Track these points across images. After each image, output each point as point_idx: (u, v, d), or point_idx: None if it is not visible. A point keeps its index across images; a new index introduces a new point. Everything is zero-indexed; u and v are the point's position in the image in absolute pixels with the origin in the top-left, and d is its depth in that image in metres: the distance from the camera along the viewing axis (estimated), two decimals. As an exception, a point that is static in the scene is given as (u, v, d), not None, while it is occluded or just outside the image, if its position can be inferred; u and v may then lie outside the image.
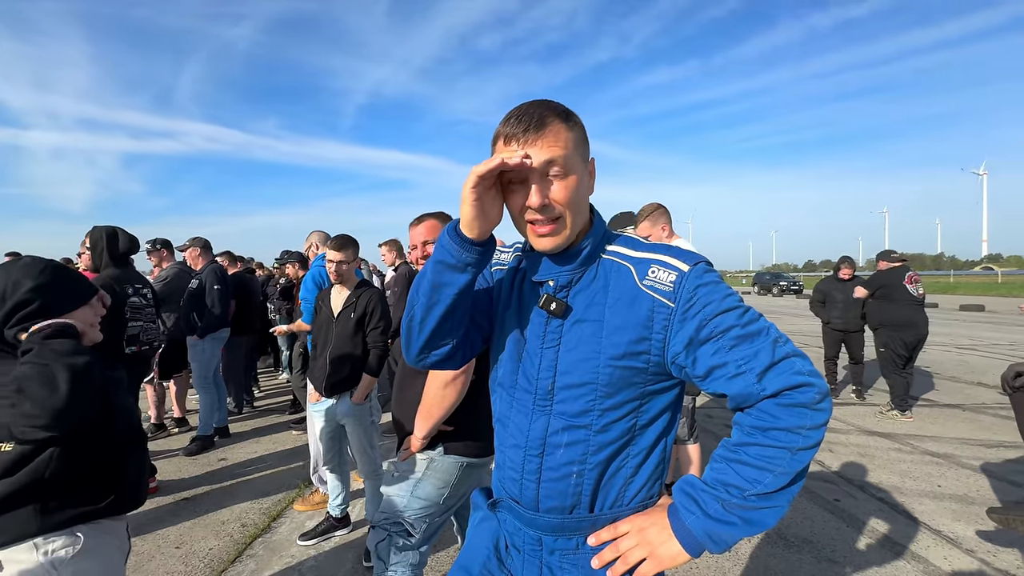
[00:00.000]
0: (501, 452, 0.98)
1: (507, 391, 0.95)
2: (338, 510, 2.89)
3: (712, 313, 0.80)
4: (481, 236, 0.83)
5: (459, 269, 0.85)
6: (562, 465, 0.88)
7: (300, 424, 4.59)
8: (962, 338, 10.64)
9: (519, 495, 0.93)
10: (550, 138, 0.80)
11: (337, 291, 2.80)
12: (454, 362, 0.98)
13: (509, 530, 0.98)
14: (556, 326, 0.88)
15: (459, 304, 0.88)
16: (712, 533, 0.79)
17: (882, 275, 5.30)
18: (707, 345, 0.80)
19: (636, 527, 0.86)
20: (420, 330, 0.92)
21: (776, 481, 0.77)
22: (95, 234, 3.23)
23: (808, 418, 0.77)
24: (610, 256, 0.90)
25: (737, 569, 2.54)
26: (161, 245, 4.53)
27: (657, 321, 0.83)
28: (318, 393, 2.76)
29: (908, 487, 3.44)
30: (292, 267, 5.26)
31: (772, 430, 0.78)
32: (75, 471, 1.18)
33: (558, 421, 0.88)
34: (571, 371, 0.86)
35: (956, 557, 2.61)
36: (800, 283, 31.95)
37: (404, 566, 1.68)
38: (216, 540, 2.83)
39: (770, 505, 0.77)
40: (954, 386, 6.32)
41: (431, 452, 1.71)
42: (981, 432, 4.55)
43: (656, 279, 0.83)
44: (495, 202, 0.84)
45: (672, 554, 0.81)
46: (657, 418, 0.89)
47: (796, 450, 0.76)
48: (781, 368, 0.78)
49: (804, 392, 0.77)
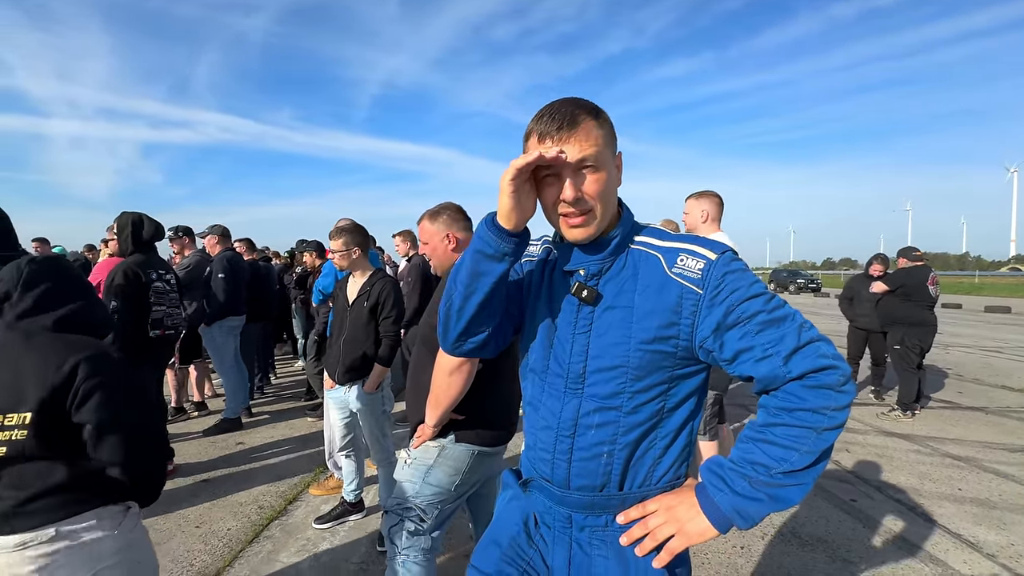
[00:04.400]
0: (532, 434, 1.02)
1: (539, 376, 0.99)
2: (352, 495, 2.93)
3: (739, 299, 0.83)
4: (517, 227, 0.87)
5: (497, 259, 0.89)
6: (593, 445, 0.91)
7: (316, 411, 4.67)
8: (987, 340, 10.34)
9: (551, 474, 0.96)
10: (582, 136, 0.84)
11: (353, 279, 2.82)
12: (488, 350, 1.02)
13: (540, 509, 1.01)
14: (587, 313, 0.92)
15: (496, 293, 0.93)
16: (740, 509, 0.82)
17: (906, 273, 5.17)
18: (734, 330, 0.83)
19: (664, 505, 0.89)
20: (458, 318, 0.96)
21: (802, 460, 0.80)
22: (122, 220, 3.31)
23: (833, 399, 0.80)
24: (639, 246, 0.93)
25: (751, 567, 2.52)
26: (183, 233, 4.59)
27: (686, 307, 0.86)
28: (332, 380, 2.80)
29: (927, 489, 3.37)
30: (309, 256, 5.33)
31: (798, 410, 0.81)
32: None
33: (589, 403, 0.91)
34: (602, 355, 0.90)
35: (976, 561, 2.56)
36: (818, 281, 31.32)
37: (416, 551, 1.71)
38: (234, 521, 2.90)
39: (796, 483, 0.81)
40: (978, 388, 6.16)
41: (442, 440, 1.72)
42: (1005, 436, 4.44)
43: (685, 267, 0.87)
44: (530, 195, 0.88)
45: (700, 530, 0.84)
46: (684, 401, 0.92)
47: (822, 430, 0.80)
48: (807, 351, 0.81)
49: (829, 374, 0.80)
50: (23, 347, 1.16)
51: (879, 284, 5.31)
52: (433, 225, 1.90)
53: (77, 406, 1.13)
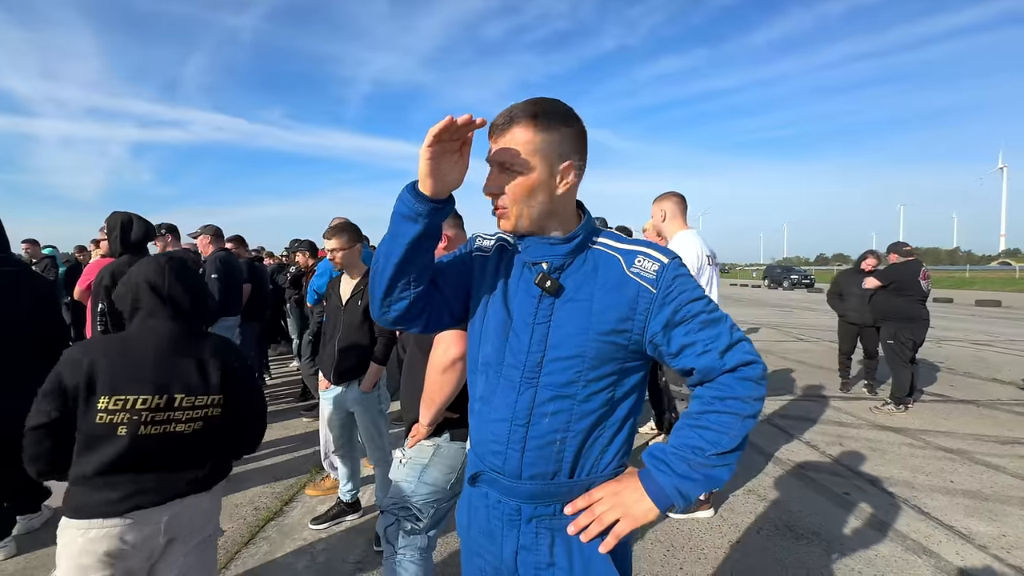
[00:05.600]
0: (481, 429, 1.05)
1: (494, 369, 1.03)
2: (349, 495, 2.92)
3: (686, 300, 0.94)
4: (435, 193, 0.92)
5: (411, 219, 0.92)
6: (547, 433, 0.97)
7: (311, 411, 4.65)
8: (978, 334, 10.46)
9: (502, 466, 1.01)
10: (508, 139, 0.92)
11: (346, 279, 2.81)
12: (418, 322, 1.05)
13: (489, 503, 1.05)
14: (548, 304, 0.98)
15: (414, 256, 0.96)
16: (681, 488, 0.92)
17: (898, 269, 5.21)
18: (680, 327, 0.94)
19: (609, 492, 0.97)
20: (380, 279, 0.99)
21: (730, 442, 0.91)
22: (112, 220, 3.27)
23: (755, 390, 0.93)
24: (598, 246, 1.01)
25: (746, 560, 2.53)
26: (166, 231, 4.45)
27: (640, 303, 0.95)
28: (327, 381, 2.78)
29: (920, 482, 3.40)
30: (302, 255, 5.29)
31: (729, 399, 0.93)
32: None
33: (545, 392, 0.97)
34: (561, 344, 0.96)
35: (969, 553, 2.59)
36: (811, 277, 31.53)
37: (412, 550, 1.70)
38: (230, 523, 2.88)
39: (724, 464, 0.92)
40: (969, 382, 6.23)
41: (437, 439, 1.72)
42: (996, 428, 4.49)
43: (641, 267, 0.96)
44: (455, 166, 0.93)
45: (644, 510, 0.92)
46: (630, 394, 1.01)
47: (745, 416, 0.92)
48: (737, 348, 0.94)
49: (754, 368, 0.94)
50: (198, 342, 1.47)
51: (871, 279, 5.35)
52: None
53: (234, 389, 1.50)
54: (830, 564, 2.49)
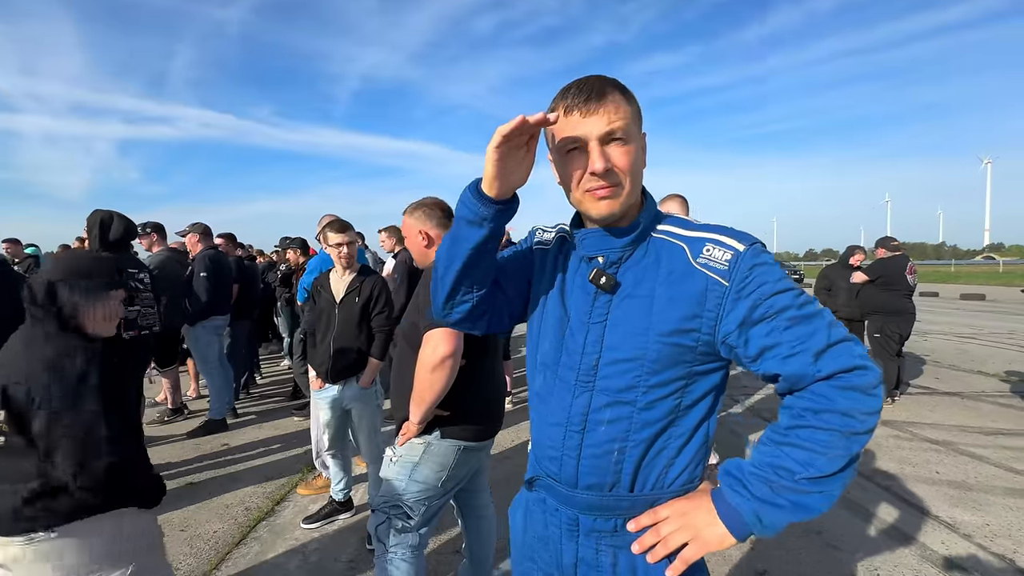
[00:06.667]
0: (539, 430, 0.97)
1: (550, 369, 0.94)
2: (341, 494, 2.91)
3: (767, 293, 0.79)
4: (500, 195, 0.84)
5: (476, 224, 0.86)
6: (604, 442, 0.87)
7: (302, 410, 4.62)
8: (962, 327, 10.62)
9: (558, 472, 0.92)
10: (611, 107, 0.81)
11: (336, 276, 2.78)
12: (480, 324, 1.00)
13: (547, 508, 0.97)
14: (604, 301, 0.88)
15: (478, 260, 0.90)
16: (761, 515, 0.77)
17: (885, 264, 5.27)
18: (761, 325, 0.79)
19: (677, 511, 0.85)
20: (442, 284, 0.94)
21: (829, 465, 0.75)
22: (91, 219, 3.22)
23: (863, 402, 0.75)
24: (661, 235, 0.89)
25: (740, 555, 2.56)
26: (152, 229, 4.38)
27: (710, 299, 0.82)
28: (320, 380, 2.76)
29: (907, 473, 3.46)
30: (293, 253, 5.25)
31: (826, 412, 0.76)
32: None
33: (601, 397, 0.87)
34: (618, 346, 0.86)
35: (954, 542, 2.64)
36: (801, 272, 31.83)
37: (404, 548, 1.70)
38: (221, 523, 2.86)
39: (820, 490, 0.75)
40: (953, 374, 6.33)
41: (428, 436, 1.71)
42: (980, 420, 4.57)
43: (711, 257, 0.82)
44: (521, 164, 0.85)
45: (718, 536, 0.80)
46: (701, 399, 0.88)
47: (850, 434, 0.75)
48: (838, 350, 0.77)
49: (861, 375, 0.76)
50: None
51: (859, 274, 5.42)
52: (410, 220, 1.87)
53: None
54: (822, 558, 2.53)
